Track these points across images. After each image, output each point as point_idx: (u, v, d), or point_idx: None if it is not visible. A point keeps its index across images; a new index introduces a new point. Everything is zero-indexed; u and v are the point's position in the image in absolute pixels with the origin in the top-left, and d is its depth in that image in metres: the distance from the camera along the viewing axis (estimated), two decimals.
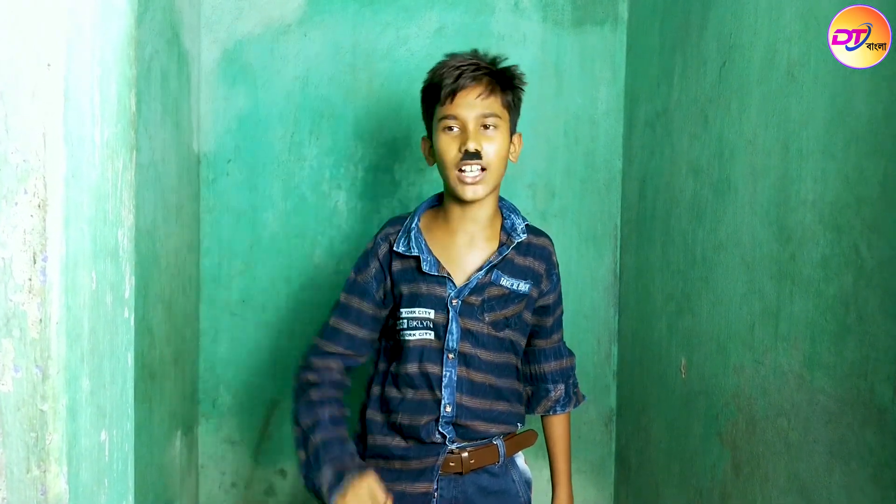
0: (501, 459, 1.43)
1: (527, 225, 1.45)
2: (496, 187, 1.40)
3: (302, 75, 2.10)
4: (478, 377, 1.40)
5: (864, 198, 1.06)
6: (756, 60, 1.38)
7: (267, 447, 2.15)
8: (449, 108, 1.35)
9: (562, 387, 1.53)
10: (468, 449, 1.40)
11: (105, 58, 0.76)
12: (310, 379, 1.40)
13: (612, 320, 2.19)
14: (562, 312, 1.54)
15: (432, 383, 1.38)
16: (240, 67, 2.09)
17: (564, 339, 1.58)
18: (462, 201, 1.38)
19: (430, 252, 1.40)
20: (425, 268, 1.38)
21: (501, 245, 1.41)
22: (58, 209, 0.65)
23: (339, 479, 1.25)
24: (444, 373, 1.38)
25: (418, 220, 1.44)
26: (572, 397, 1.55)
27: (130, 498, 0.85)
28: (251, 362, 2.14)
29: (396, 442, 1.40)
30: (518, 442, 1.47)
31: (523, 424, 1.49)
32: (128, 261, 0.83)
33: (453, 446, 1.39)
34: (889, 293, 1.01)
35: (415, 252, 1.39)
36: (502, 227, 1.44)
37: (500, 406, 1.42)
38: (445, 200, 1.44)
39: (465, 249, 1.42)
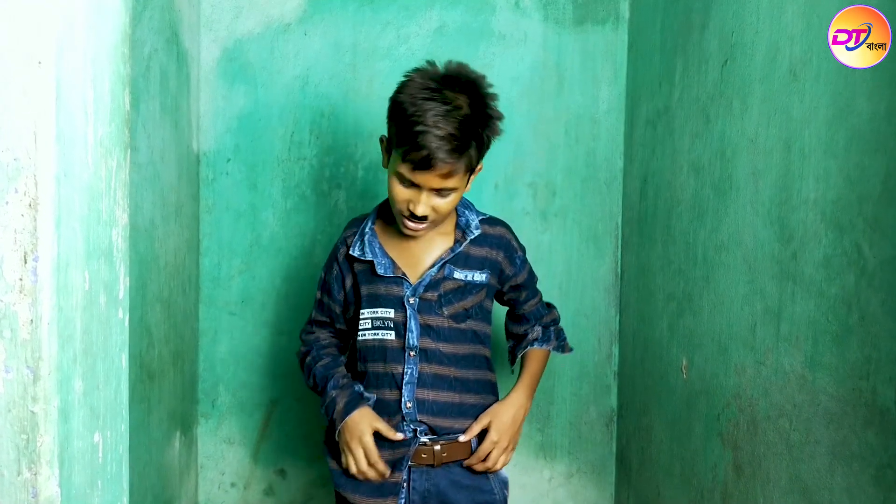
0: (474, 451, 1.43)
1: (481, 220, 1.46)
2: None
3: (302, 74, 2.09)
4: (441, 371, 1.41)
5: (866, 196, 1.05)
6: (758, 59, 1.37)
7: (266, 447, 2.15)
8: (408, 172, 1.30)
9: (539, 329, 1.56)
10: (440, 442, 1.41)
11: (98, 56, 0.75)
12: (302, 351, 1.56)
13: (613, 320, 2.18)
14: (536, 280, 1.57)
15: (394, 381, 1.41)
16: (239, 66, 2.08)
17: (545, 302, 1.61)
18: None
19: (384, 255, 1.43)
20: (380, 271, 1.41)
21: (456, 242, 1.43)
22: (49, 208, 0.65)
23: (347, 411, 1.39)
24: (405, 370, 1.40)
25: (372, 222, 1.47)
26: (552, 339, 1.56)
27: (125, 500, 0.84)
28: (251, 362, 2.13)
29: None
30: None
31: None
32: (122, 261, 0.82)
33: (425, 438, 1.41)
34: (891, 293, 1.00)
35: (368, 256, 1.42)
36: (457, 224, 1.45)
37: (470, 399, 1.44)
38: None
39: (421, 249, 1.44)
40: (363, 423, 1.37)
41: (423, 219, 1.34)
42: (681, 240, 1.71)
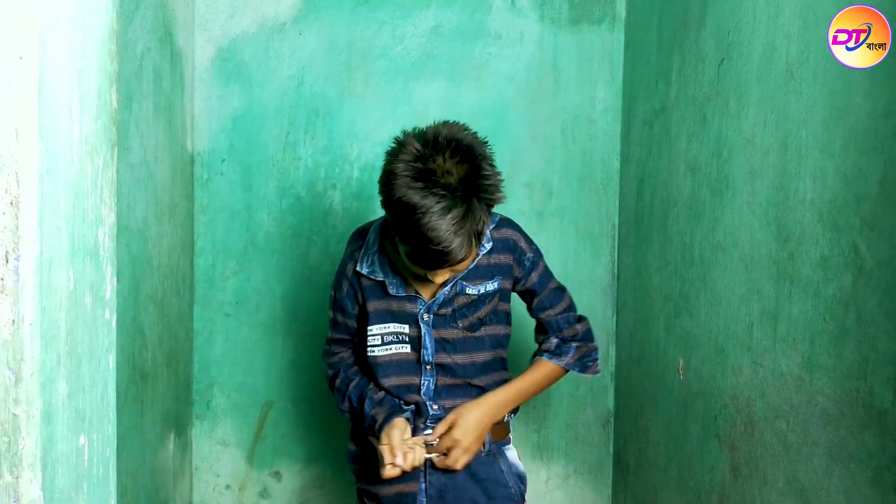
0: (488, 445, 1.43)
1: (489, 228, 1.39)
2: None
3: (297, 74, 2.08)
4: (457, 381, 1.41)
5: (863, 196, 1.04)
6: (755, 58, 1.36)
7: (261, 449, 2.13)
8: (419, 262, 1.22)
9: (554, 341, 1.45)
10: None
11: (84, 52, 0.73)
12: (330, 374, 1.51)
13: (610, 321, 2.17)
14: (557, 286, 1.47)
15: (412, 393, 1.40)
16: (234, 66, 2.07)
17: (576, 315, 1.48)
18: None
19: (394, 274, 1.39)
20: (392, 290, 1.38)
21: None
22: (32, 206, 0.63)
23: (386, 421, 1.35)
24: (422, 381, 1.40)
25: (378, 237, 1.41)
26: (568, 355, 1.44)
27: (112, 503, 0.83)
28: (245, 363, 2.11)
29: None
30: (505, 428, 1.48)
31: (515, 413, 1.49)
32: (109, 260, 0.81)
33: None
34: (889, 293, 0.99)
35: (379, 277, 1.38)
36: None
37: None
38: None
39: None
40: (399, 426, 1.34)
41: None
42: (677, 240, 1.70)
